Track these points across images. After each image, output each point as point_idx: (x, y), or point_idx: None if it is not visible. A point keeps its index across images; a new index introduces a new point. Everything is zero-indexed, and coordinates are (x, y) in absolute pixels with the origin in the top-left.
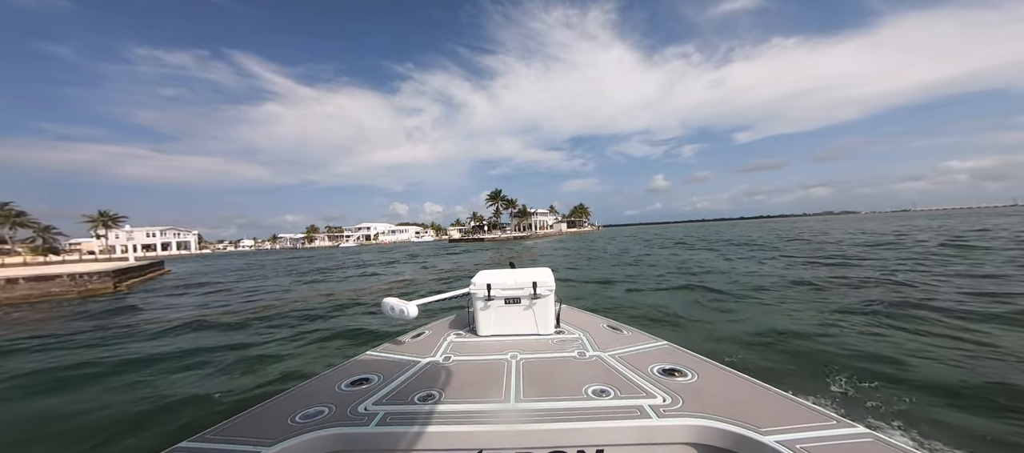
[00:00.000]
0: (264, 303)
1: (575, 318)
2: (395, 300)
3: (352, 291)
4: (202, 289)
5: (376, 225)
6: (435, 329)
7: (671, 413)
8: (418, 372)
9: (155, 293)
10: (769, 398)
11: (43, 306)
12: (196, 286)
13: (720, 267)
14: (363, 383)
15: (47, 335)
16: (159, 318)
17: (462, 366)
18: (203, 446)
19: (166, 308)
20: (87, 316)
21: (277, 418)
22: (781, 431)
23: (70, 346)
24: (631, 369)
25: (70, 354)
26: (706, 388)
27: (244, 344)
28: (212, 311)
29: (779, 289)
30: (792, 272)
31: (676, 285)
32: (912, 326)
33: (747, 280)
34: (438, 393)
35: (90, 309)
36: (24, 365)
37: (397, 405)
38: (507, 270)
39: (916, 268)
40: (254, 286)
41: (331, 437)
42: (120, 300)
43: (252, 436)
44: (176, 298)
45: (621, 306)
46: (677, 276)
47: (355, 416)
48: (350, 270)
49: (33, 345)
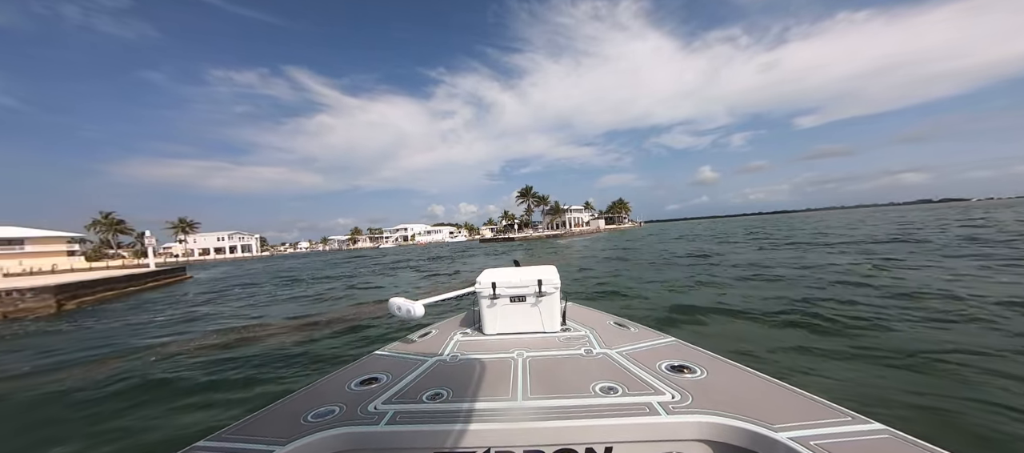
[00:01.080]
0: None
1: (581, 315)
2: (402, 300)
3: (335, 318)
4: (173, 310)
5: (413, 226)
6: (442, 328)
7: (681, 410)
8: (426, 371)
9: (105, 317)
10: (781, 394)
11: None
12: (180, 305)
13: (849, 276)
14: (372, 382)
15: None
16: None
17: (469, 364)
18: (220, 445)
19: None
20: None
21: (290, 417)
22: (794, 427)
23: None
24: (639, 366)
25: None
26: (716, 384)
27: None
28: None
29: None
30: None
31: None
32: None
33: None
34: (446, 392)
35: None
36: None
37: (406, 404)
38: (512, 269)
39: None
40: (238, 308)
41: (342, 436)
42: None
43: (267, 435)
44: (117, 326)
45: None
46: (776, 292)
47: (365, 415)
48: (352, 278)
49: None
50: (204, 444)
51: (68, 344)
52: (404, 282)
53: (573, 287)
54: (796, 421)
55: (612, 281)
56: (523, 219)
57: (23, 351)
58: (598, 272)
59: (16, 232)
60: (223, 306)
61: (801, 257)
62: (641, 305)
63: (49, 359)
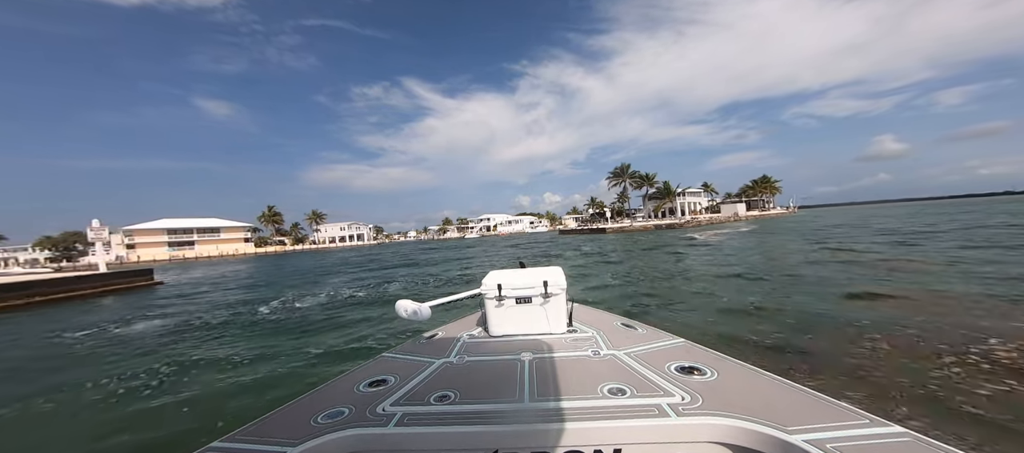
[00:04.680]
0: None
1: (588, 316)
2: (409, 302)
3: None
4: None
5: (495, 216)
6: (448, 330)
7: (691, 412)
8: (433, 373)
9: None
10: (795, 395)
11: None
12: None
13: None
14: (380, 384)
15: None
16: None
17: (475, 366)
18: (234, 446)
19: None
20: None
21: (301, 419)
22: (809, 430)
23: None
24: (647, 367)
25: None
26: (727, 386)
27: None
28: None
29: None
30: None
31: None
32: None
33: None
34: (453, 394)
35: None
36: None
37: (414, 406)
38: (517, 270)
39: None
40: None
41: (352, 438)
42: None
43: (279, 436)
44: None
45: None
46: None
47: (374, 417)
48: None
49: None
50: (218, 445)
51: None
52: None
53: None
54: (811, 423)
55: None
56: (615, 206)
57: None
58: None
59: (215, 222)
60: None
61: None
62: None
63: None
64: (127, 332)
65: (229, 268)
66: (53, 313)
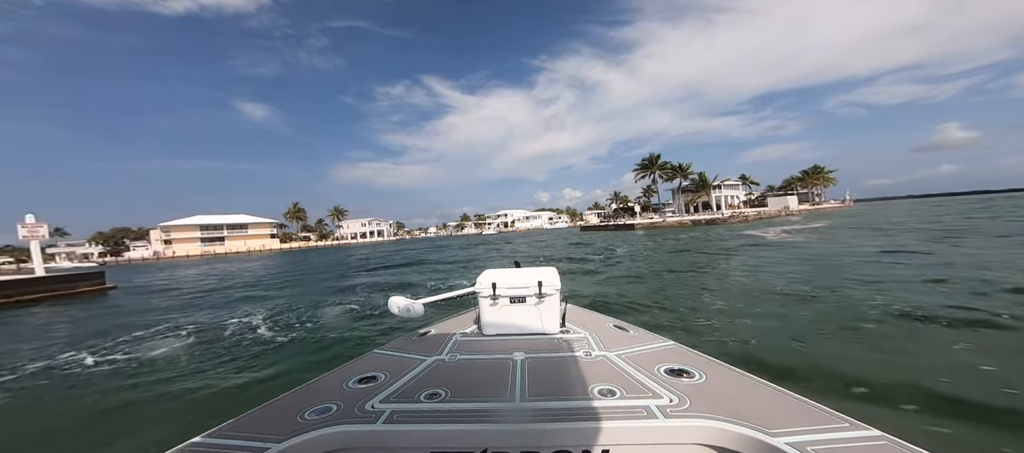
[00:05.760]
0: None
1: (581, 317)
2: (402, 299)
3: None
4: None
5: (513, 212)
6: (441, 328)
7: (678, 413)
8: (424, 371)
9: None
10: (779, 399)
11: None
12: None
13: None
14: (370, 381)
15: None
16: None
17: (467, 365)
18: (219, 441)
19: None
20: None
21: (287, 414)
22: (792, 433)
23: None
24: (638, 369)
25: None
26: (714, 389)
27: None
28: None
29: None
30: None
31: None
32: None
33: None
34: (443, 392)
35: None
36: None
37: (403, 403)
38: (512, 269)
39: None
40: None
41: (339, 434)
42: None
43: (265, 431)
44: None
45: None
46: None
47: (362, 414)
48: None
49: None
50: (201, 440)
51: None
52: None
53: None
54: (794, 426)
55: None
56: (642, 200)
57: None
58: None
59: (243, 218)
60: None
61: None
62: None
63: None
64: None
65: (231, 267)
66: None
